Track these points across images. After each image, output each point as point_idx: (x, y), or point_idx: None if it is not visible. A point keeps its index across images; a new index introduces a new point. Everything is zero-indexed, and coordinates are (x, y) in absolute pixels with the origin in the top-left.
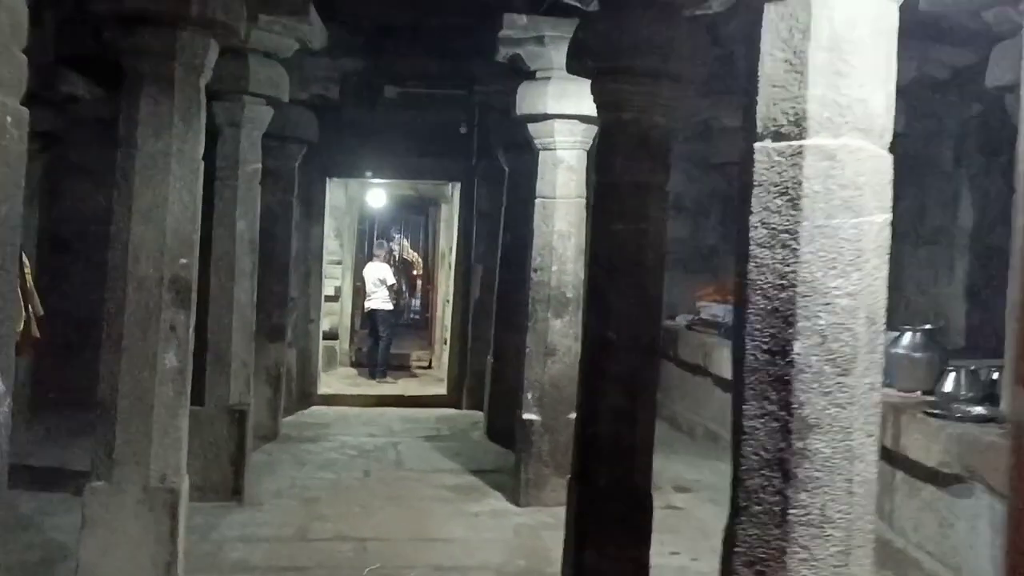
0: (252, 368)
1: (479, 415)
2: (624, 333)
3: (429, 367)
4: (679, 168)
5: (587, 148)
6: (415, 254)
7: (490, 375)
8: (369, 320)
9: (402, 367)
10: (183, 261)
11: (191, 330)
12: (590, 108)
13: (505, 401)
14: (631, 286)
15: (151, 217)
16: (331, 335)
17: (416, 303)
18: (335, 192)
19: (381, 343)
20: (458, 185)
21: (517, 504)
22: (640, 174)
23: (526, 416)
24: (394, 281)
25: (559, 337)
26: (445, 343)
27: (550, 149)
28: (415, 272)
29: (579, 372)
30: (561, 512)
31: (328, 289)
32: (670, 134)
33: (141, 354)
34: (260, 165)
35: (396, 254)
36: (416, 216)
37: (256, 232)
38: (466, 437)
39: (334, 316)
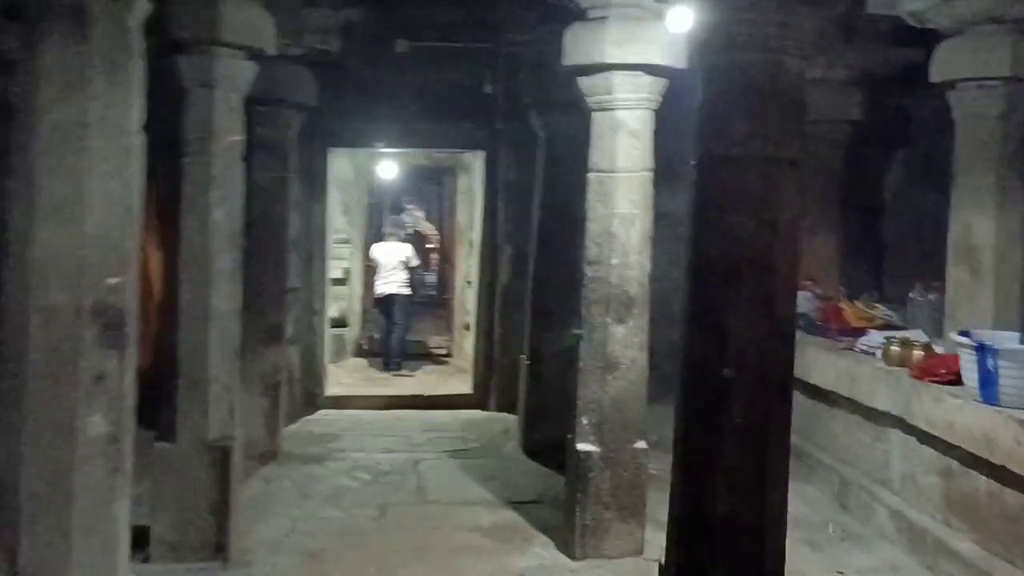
0: (236, 391)
1: (509, 420)
2: (747, 368)
3: (449, 355)
4: None
5: (654, 107)
6: (429, 226)
7: (525, 379)
8: (383, 305)
9: (419, 356)
10: (113, 281)
11: (130, 377)
12: (659, 55)
13: (543, 410)
14: (756, 302)
15: (63, 218)
16: (339, 322)
17: (431, 278)
18: (341, 164)
19: (396, 331)
20: (480, 154)
21: (572, 556)
22: (768, 144)
23: (581, 447)
24: (419, 262)
25: (622, 347)
26: (466, 329)
27: (607, 109)
28: (429, 245)
29: (678, 420)
30: (627, 567)
31: (335, 272)
32: (804, 87)
33: (52, 418)
34: (242, 136)
35: (410, 227)
36: (429, 185)
37: (238, 221)
38: (498, 451)
39: (342, 301)
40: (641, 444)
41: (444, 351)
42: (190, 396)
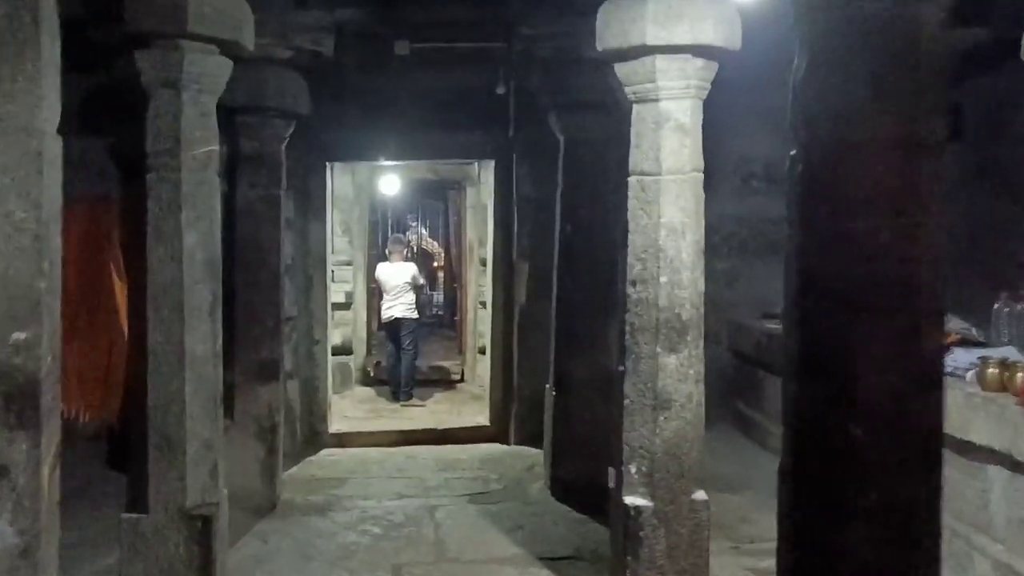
0: (220, 448)
1: (533, 455)
2: (883, 426)
3: (461, 380)
4: (768, 126)
5: (703, 95)
6: (435, 244)
7: (552, 411)
8: (390, 330)
9: (430, 381)
10: (19, 336)
11: (49, 467)
12: (711, 33)
13: (573, 445)
14: (893, 336)
15: None
16: (343, 349)
17: (438, 297)
18: (340, 180)
19: (404, 357)
20: (490, 164)
21: None
22: (902, 123)
23: (630, 500)
24: (424, 282)
25: (675, 381)
26: (481, 352)
27: (650, 100)
28: (435, 264)
29: (784, 500)
30: None
31: (337, 296)
32: (946, 46)
33: None
34: (218, 146)
35: (413, 245)
36: (434, 201)
37: (215, 247)
38: (523, 493)
39: (346, 327)
40: (700, 495)
41: (456, 376)
42: (164, 457)
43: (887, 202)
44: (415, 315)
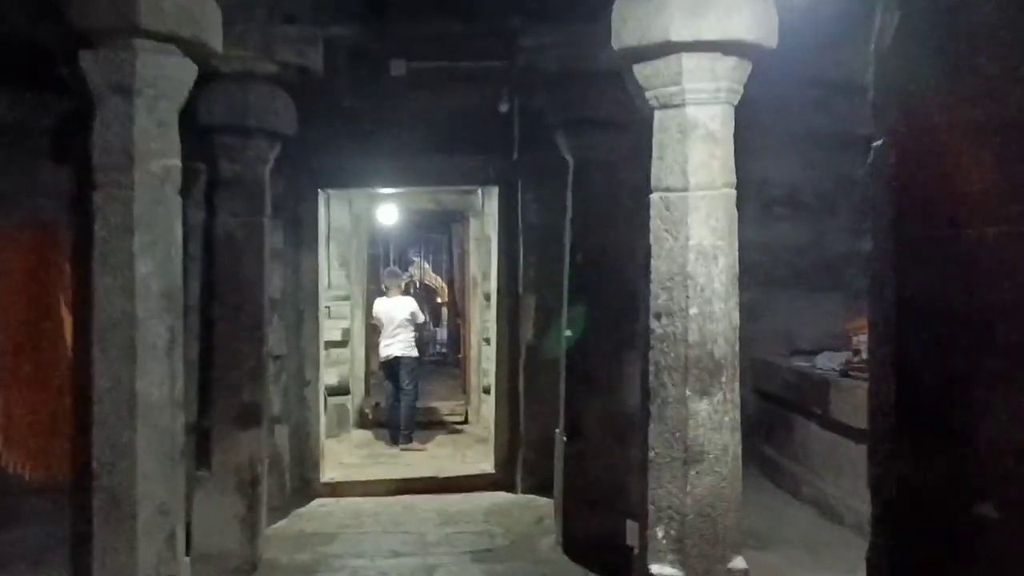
0: (179, 512)
1: (542, 505)
2: (1020, 506)
3: (465, 422)
4: (791, 148)
5: (735, 100)
6: (438, 279)
7: (563, 459)
8: (388, 370)
9: (432, 423)
10: None
11: None
12: (744, 27)
13: (588, 497)
14: None
15: None
16: (340, 390)
17: (442, 334)
18: (337, 210)
19: (404, 399)
20: (493, 191)
21: None
22: None
23: (657, 569)
24: (427, 318)
25: (708, 431)
26: (486, 392)
27: (674, 105)
28: (439, 300)
29: None
30: None
31: (333, 333)
32: None
33: None
34: (177, 161)
35: (416, 280)
36: (437, 235)
37: (175, 276)
38: (532, 550)
39: (343, 366)
40: (739, 563)
41: (459, 417)
42: (111, 523)
43: (1017, 203)
44: (415, 353)
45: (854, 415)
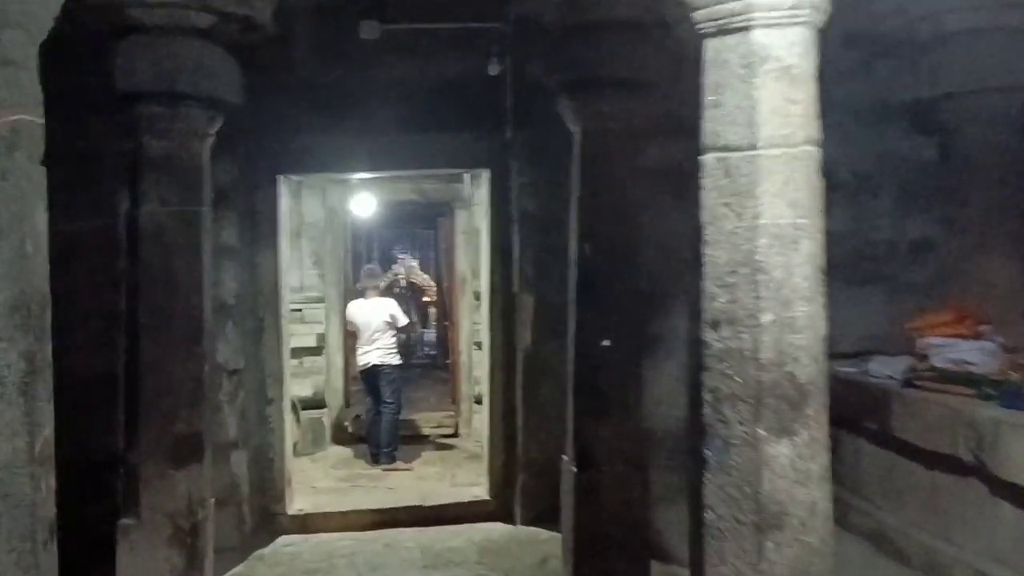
0: None
1: (545, 539)
2: None
3: (455, 435)
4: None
5: (819, 22)
6: (425, 276)
7: (573, 493)
8: (367, 380)
9: (418, 437)
10: None
11: None
12: None
13: (601, 536)
14: None
15: None
16: (314, 403)
17: (429, 334)
18: (309, 202)
19: (385, 412)
20: (483, 177)
21: None
22: None
23: None
24: (407, 320)
25: (792, 484)
26: (477, 403)
27: (735, 29)
28: (426, 299)
29: None
30: None
31: (306, 339)
32: None
33: None
34: (34, 117)
35: (403, 278)
36: (423, 230)
37: (33, 281)
38: None
39: (318, 376)
40: None
41: (448, 430)
42: None
43: None
44: (396, 360)
45: (924, 434)
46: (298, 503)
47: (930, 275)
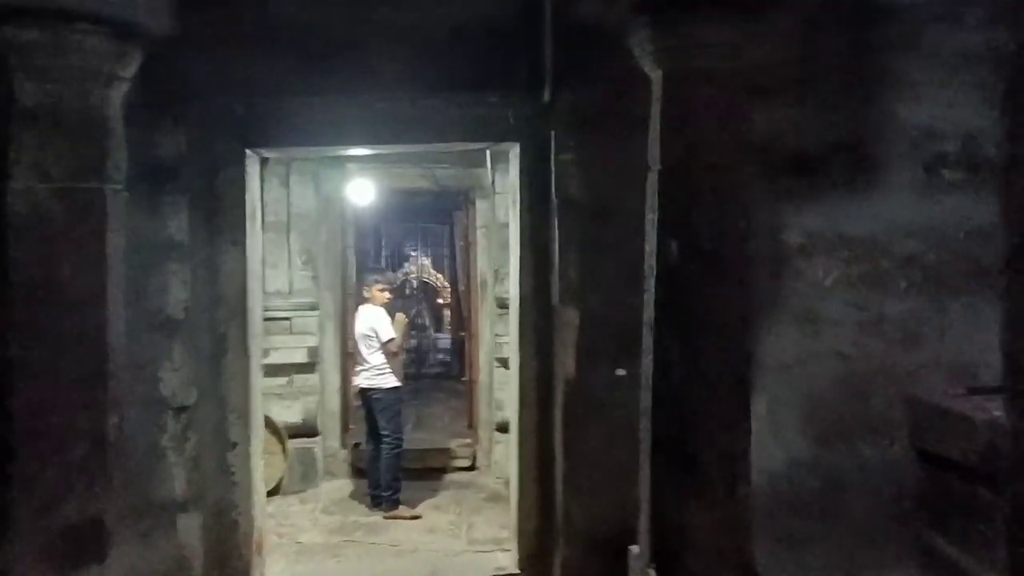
0: None
1: None
2: None
3: (472, 468)
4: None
5: None
6: (439, 276)
7: None
8: (364, 406)
9: (428, 471)
10: None
11: None
12: None
13: None
14: None
15: None
16: (305, 430)
17: (443, 340)
18: (298, 190)
19: (383, 449)
20: (514, 151)
21: None
22: None
23: None
24: (393, 336)
25: None
26: (500, 431)
27: None
28: (440, 301)
29: None
30: None
31: (295, 354)
32: None
33: None
34: None
35: (414, 277)
36: (437, 224)
37: None
38: None
39: (309, 398)
40: None
41: (465, 461)
42: None
43: None
44: (388, 383)
45: None
46: (274, 571)
47: None
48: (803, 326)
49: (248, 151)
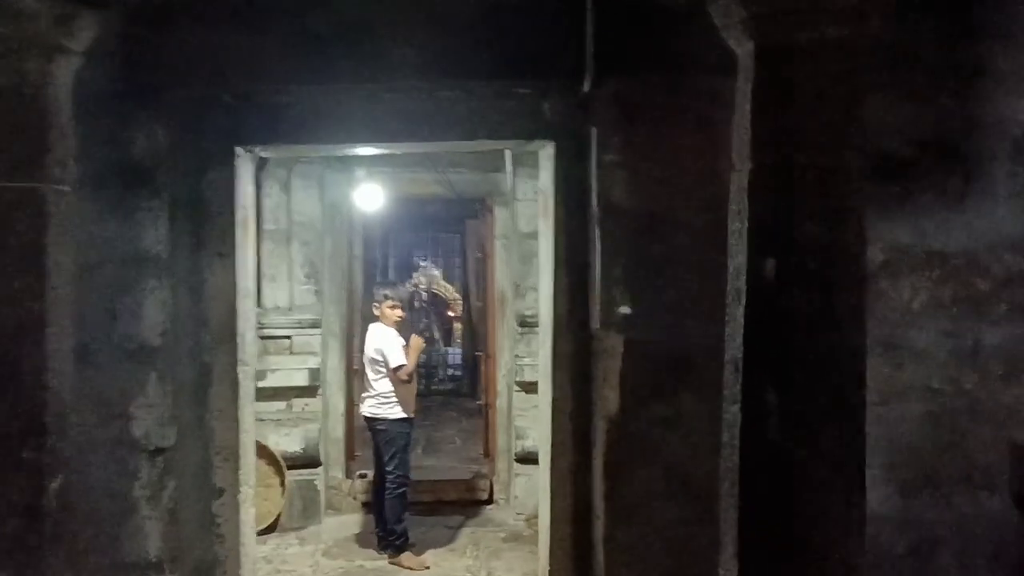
0: None
1: None
2: None
3: (489, 501)
4: None
5: None
6: (449, 288)
7: None
8: (371, 434)
9: (440, 504)
10: None
11: None
12: None
13: None
14: None
15: None
16: (306, 460)
17: (454, 356)
18: (301, 196)
19: (387, 487)
20: (546, 151)
21: None
22: None
23: None
24: (403, 362)
25: None
26: (520, 462)
27: None
28: (451, 313)
29: None
30: None
31: (296, 376)
32: None
33: None
34: None
35: (424, 289)
36: (449, 234)
37: None
38: None
39: (310, 424)
40: None
41: (481, 493)
42: None
43: None
44: (395, 414)
45: None
46: None
47: None
48: (886, 357)
49: (239, 149)
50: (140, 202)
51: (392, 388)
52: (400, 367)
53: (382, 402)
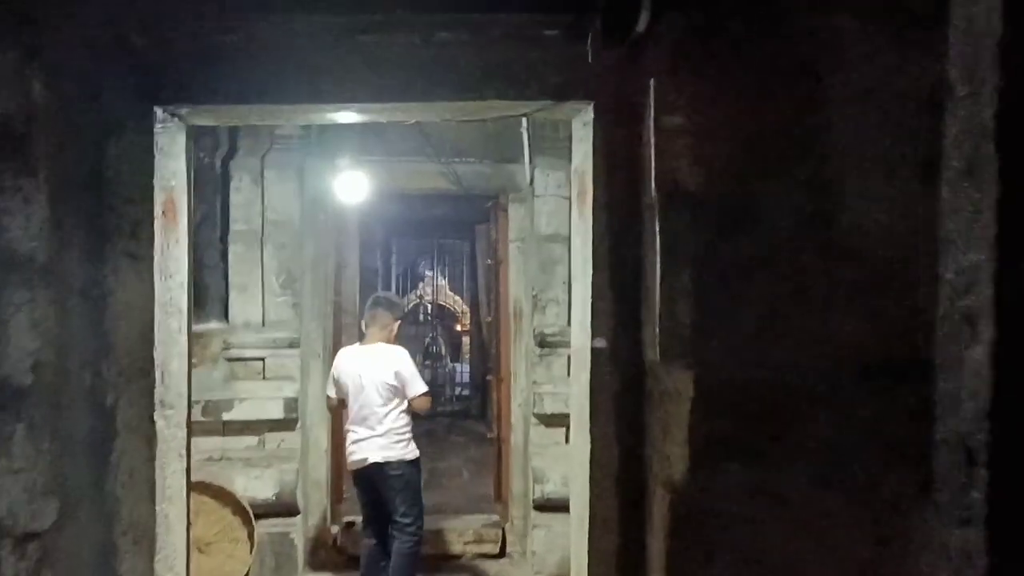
0: None
1: None
2: None
3: (501, 554)
4: None
5: None
6: (457, 299)
7: None
8: (364, 486)
9: (442, 558)
10: None
11: None
12: None
13: None
14: None
15: None
16: (279, 507)
17: (462, 372)
18: (277, 189)
19: (400, 542)
20: (582, 116)
21: None
22: None
23: None
24: (426, 388)
25: None
26: (539, 509)
27: None
28: (458, 327)
29: None
30: None
31: (269, 407)
32: None
33: None
34: None
35: (428, 300)
36: (454, 240)
37: None
38: None
39: (287, 464)
40: None
41: (491, 546)
42: None
43: None
44: (412, 453)
45: None
46: None
47: None
48: None
49: (159, 111)
50: (3, 181)
51: (408, 422)
52: (425, 394)
53: (396, 440)
